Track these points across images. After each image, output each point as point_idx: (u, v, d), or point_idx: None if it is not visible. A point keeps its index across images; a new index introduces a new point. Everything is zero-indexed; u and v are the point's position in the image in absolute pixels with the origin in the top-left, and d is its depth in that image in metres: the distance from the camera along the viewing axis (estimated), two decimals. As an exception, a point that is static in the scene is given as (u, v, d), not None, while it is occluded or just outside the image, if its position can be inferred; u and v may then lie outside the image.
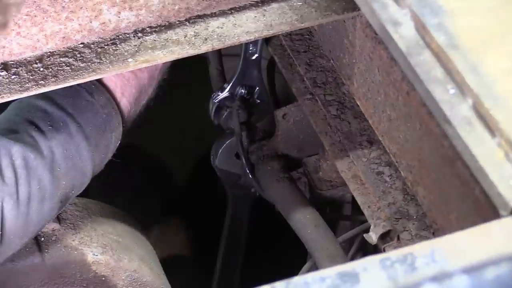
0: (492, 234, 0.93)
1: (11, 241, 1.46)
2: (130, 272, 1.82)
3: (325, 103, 1.74)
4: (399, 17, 1.12)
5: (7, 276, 1.71)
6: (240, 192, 2.13)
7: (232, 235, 2.21)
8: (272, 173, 1.95)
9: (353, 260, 1.56)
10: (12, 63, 1.36)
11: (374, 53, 1.45)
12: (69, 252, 1.75)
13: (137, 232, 1.95)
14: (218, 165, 2.04)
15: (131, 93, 1.58)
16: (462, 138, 1.01)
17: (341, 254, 1.78)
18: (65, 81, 1.35)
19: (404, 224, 1.55)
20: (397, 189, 1.60)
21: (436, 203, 1.39)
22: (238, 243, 2.23)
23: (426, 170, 1.38)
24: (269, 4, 1.44)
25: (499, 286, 0.88)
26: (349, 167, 1.69)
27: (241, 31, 1.42)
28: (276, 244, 2.76)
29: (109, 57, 1.38)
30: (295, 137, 1.98)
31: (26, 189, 1.44)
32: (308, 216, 1.83)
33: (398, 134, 1.44)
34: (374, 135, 1.59)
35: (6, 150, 1.43)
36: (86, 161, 1.52)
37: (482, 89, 1.03)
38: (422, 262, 0.89)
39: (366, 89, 1.52)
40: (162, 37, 1.40)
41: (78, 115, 1.51)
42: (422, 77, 1.06)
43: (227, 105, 1.98)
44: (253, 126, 2.00)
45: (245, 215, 2.19)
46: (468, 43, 1.08)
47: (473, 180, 1.15)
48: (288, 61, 1.85)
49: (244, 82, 1.95)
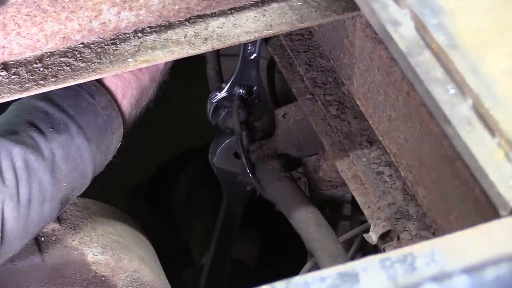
0: (492, 234, 0.93)
1: (11, 243, 1.46)
2: (130, 272, 1.82)
3: (325, 103, 1.74)
4: (399, 17, 1.12)
5: (7, 276, 1.71)
6: (236, 190, 2.14)
7: (225, 231, 2.23)
8: (272, 173, 1.95)
9: (353, 260, 1.56)
10: (12, 63, 1.36)
11: (374, 53, 1.45)
12: (69, 252, 1.75)
13: (137, 232, 1.95)
14: (216, 163, 2.04)
15: (132, 94, 1.58)
16: (462, 138, 1.01)
17: (343, 254, 1.78)
18: (65, 81, 1.35)
19: (404, 224, 1.55)
20: (397, 189, 1.60)
21: (436, 203, 1.39)
22: (230, 239, 2.25)
23: (426, 170, 1.38)
24: (269, 4, 1.44)
25: (499, 286, 0.88)
26: (349, 167, 1.69)
27: (241, 31, 1.42)
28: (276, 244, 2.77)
29: (109, 57, 1.38)
30: (295, 137, 1.98)
31: (27, 190, 1.44)
32: (310, 216, 1.83)
33: (398, 134, 1.44)
34: (374, 135, 1.59)
35: (6, 152, 1.43)
36: (87, 162, 1.52)
37: (482, 89, 1.03)
38: (422, 262, 0.89)
39: (366, 89, 1.52)
40: (162, 37, 1.40)
41: (79, 117, 1.51)
42: (422, 77, 1.06)
43: (225, 105, 1.98)
44: (252, 125, 2.00)
45: (238, 213, 2.20)
46: (468, 43, 1.08)
47: (473, 180, 1.15)
48: (288, 61, 1.85)
49: (242, 82, 1.95)
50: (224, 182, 2.12)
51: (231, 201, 2.18)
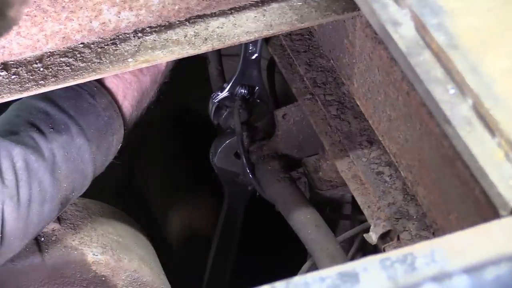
0: (492, 234, 0.93)
1: (11, 243, 1.46)
2: (130, 272, 1.82)
3: (325, 103, 1.74)
4: (399, 17, 1.12)
5: (7, 276, 1.71)
6: (237, 190, 2.14)
7: (226, 231, 2.23)
8: (272, 173, 1.95)
9: (353, 260, 1.56)
10: (12, 63, 1.36)
11: (374, 53, 1.45)
12: (69, 252, 1.75)
13: (137, 232, 1.95)
14: (217, 163, 2.05)
15: (133, 96, 1.58)
16: (462, 138, 1.01)
17: (341, 255, 1.78)
18: (65, 81, 1.35)
19: (404, 224, 1.55)
20: (397, 189, 1.60)
21: (436, 203, 1.39)
22: (232, 239, 2.25)
23: (426, 170, 1.38)
24: (269, 4, 1.44)
25: (499, 286, 0.88)
26: (349, 167, 1.69)
27: (241, 31, 1.42)
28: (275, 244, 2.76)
29: (109, 57, 1.38)
30: (295, 137, 1.98)
31: (27, 191, 1.44)
32: (309, 216, 1.83)
33: (398, 134, 1.44)
34: (374, 135, 1.59)
35: (7, 152, 1.43)
36: (87, 163, 1.52)
37: (482, 89, 1.03)
38: (422, 262, 0.89)
39: (366, 89, 1.52)
40: (162, 37, 1.40)
41: (79, 118, 1.51)
42: (422, 77, 1.06)
43: (227, 105, 1.98)
44: (253, 126, 2.00)
45: (240, 212, 2.21)
46: (468, 43, 1.08)
47: (473, 180, 1.15)
48: (288, 61, 1.85)
49: (243, 82, 1.95)
50: (225, 181, 2.12)
51: (232, 201, 2.18)
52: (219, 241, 2.24)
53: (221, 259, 2.28)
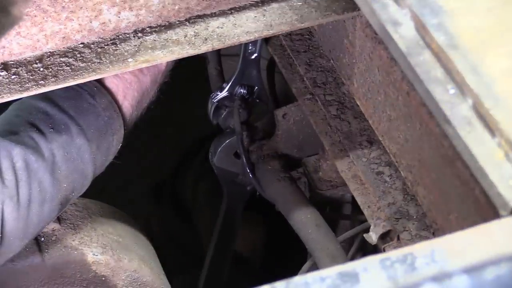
0: (492, 234, 0.93)
1: (11, 243, 1.46)
2: (130, 272, 1.82)
3: (325, 103, 1.74)
4: (399, 17, 1.12)
5: (7, 276, 1.71)
6: (236, 190, 2.14)
7: (225, 230, 2.23)
8: (272, 173, 1.95)
9: (353, 260, 1.56)
10: (12, 63, 1.36)
11: (374, 53, 1.45)
12: (69, 252, 1.75)
13: (137, 232, 1.95)
14: (216, 163, 2.05)
15: (133, 96, 1.58)
16: (462, 138, 1.01)
17: (342, 254, 1.78)
18: (65, 81, 1.35)
19: (404, 224, 1.55)
20: (397, 189, 1.60)
21: (436, 203, 1.39)
22: (230, 239, 2.25)
23: (426, 170, 1.38)
24: (269, 4, 1.44)
25: (499, 286, 0.88)
26: (349, 167, 1.69)
27: (241, 31, 1.42)
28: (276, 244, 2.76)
29: (109, 57, 1.38)
30: (295, 137, 1.98)
31: (27, 191, 1.44)
32: (309, 216, 1.83)
33: (398, 134, 1.44)
34: (374, 135, 1.59)
35: (6, 152, 1.43)
36: (87, 163, 1.52)
37: (482, 89, 1.03)
38: (422, 262, 0.89)
39: (366, 89, 1.52)
40: (162, 37, 1.40)
41: (79, 118, 1.51)
42: (422, 77, 1.06)
43: (226, 105, 1.98)
44: (253, 125, 2.00)
45: (238, 212, 2.21)
46: (468, 43, 1.08)
47: (473, 180, 1.15)
48: (288, 61, 1.85)
49: (243, 82, 1.95)
50: (224, 181, 2.12)
51: (231, 201, 2.19)
52: (218, 240, 2.24)
53: (219, 259, 2.28)
